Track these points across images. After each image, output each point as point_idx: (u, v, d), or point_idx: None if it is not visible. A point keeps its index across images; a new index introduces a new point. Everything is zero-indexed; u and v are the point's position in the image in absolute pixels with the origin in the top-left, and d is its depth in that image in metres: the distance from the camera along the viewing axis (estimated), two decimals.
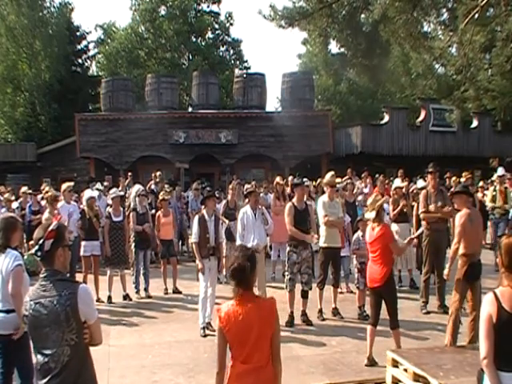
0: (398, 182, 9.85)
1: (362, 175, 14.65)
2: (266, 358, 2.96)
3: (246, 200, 7.85)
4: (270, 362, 2.98)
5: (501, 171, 11.08)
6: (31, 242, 2.98)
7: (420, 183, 9.82)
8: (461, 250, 5.68)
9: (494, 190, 10.99)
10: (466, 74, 7.89)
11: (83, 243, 8.45)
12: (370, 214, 5.67)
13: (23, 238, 9.20)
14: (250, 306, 2.94)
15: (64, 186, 8.97)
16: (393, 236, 5.70)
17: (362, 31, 7.40)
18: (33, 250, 2.83)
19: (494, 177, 12.15)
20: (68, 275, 3.23)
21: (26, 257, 6.00)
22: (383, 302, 5.66)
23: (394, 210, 8.82)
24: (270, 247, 10.23)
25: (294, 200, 7.27)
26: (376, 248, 5.59)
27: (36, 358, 2.79)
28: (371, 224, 5.76)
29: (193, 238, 7.06)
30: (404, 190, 9.73)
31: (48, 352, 2.71)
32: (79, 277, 8.08)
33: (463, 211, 5.77)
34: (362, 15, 7.42)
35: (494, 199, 10.90)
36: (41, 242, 2.79)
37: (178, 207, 12.23)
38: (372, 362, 5.57)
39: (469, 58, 7.55)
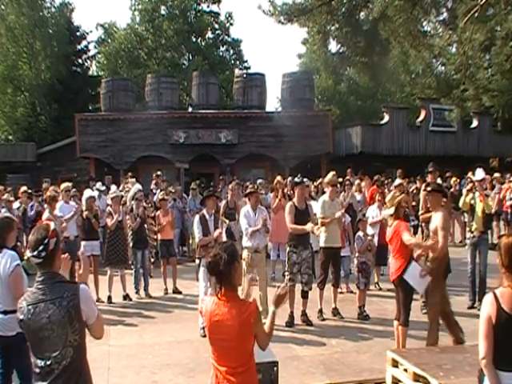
0: (398, 181, 9.80)
1: (361, 177, 14.60)
2: (244, 364, 2.83)
3: (246, 199, 7.81)
4: (249, 367, 2.86)
5: (480, 174, 8.44)
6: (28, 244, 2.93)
7: (397, 181, 9.61)
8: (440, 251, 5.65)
9: (473, 198, 8.11)
10: (466, 72, 7.87)
11: (83, 243, 8.45)
12: (389, 210, 5.78)
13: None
14: (229, 309, 2.79)
15: (62, 186, 8.96)
16: (405, 231, 5.60)
17: (361, 29, 7.39)
18: (35, 252, 2.75)
19: (475, 178, 8.88)
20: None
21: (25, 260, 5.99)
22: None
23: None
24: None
25: (295, 199, 7.26)
26: (393, 244, 5.70)
27: (34, 362, 2.76)
28: (390, 221, 5.89)
29: (197, 238, 7.04)
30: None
31: (50, 354, 2.69)
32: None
33: (444, 213, 5.67)
34: (362, 13, 7.41)
35: (472, 209, 8.07)
36: (46, 241, 2.76)
37: (178, 207, 12.23)
38: None
39: (468, 56, 7.53)
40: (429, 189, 5.89)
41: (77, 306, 2.70)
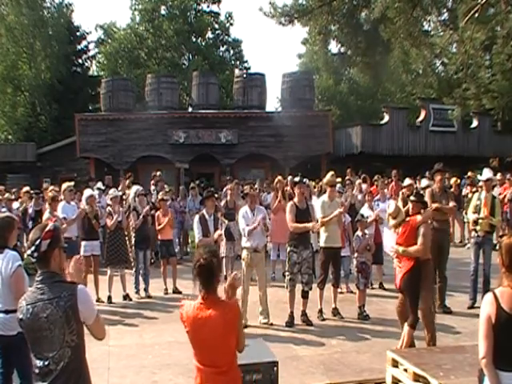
0: (407, 181, 9.77)
1: (362, 176, 14.60)
2: (229, 363, 2.89)
3: (244, 201, 7.82)
4: (233, 366, 2.92)
5: (487, 174, 8.34)
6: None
7: (407, 181, 9.65)
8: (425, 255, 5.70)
9: (479, 199, 7.99)
10: (467, 71, 7.86)
11: (83, 243, 8.44)
12: (392, 222, 5.85)
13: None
14: (212, 311, 2.82)
15: (64, 186, 8.96)
16: (416, 222, 5.71)
17: (361, 29, 7.40)
18: (29, 251, 2.78)
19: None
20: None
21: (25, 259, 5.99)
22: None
23: (403, 207, 8.79)
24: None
25: (295, 199, 7.27)
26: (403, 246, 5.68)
27: (34, 362, 2.75)
28: (393, 230, 5.92)
29: (197, 238, 7.04)
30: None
31: (48, 354, 2.68)
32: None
33: (426, 224, 5.80)
34: (362, 14, 7.41)
35: (477, 210, 7.94)
36: (37, 242, 2.76)
37: (175, 207, 12.22)
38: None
39: (469, 55, 7.53)
40: (412, 198, 5.97)
41: (74, 306, 2.69)
